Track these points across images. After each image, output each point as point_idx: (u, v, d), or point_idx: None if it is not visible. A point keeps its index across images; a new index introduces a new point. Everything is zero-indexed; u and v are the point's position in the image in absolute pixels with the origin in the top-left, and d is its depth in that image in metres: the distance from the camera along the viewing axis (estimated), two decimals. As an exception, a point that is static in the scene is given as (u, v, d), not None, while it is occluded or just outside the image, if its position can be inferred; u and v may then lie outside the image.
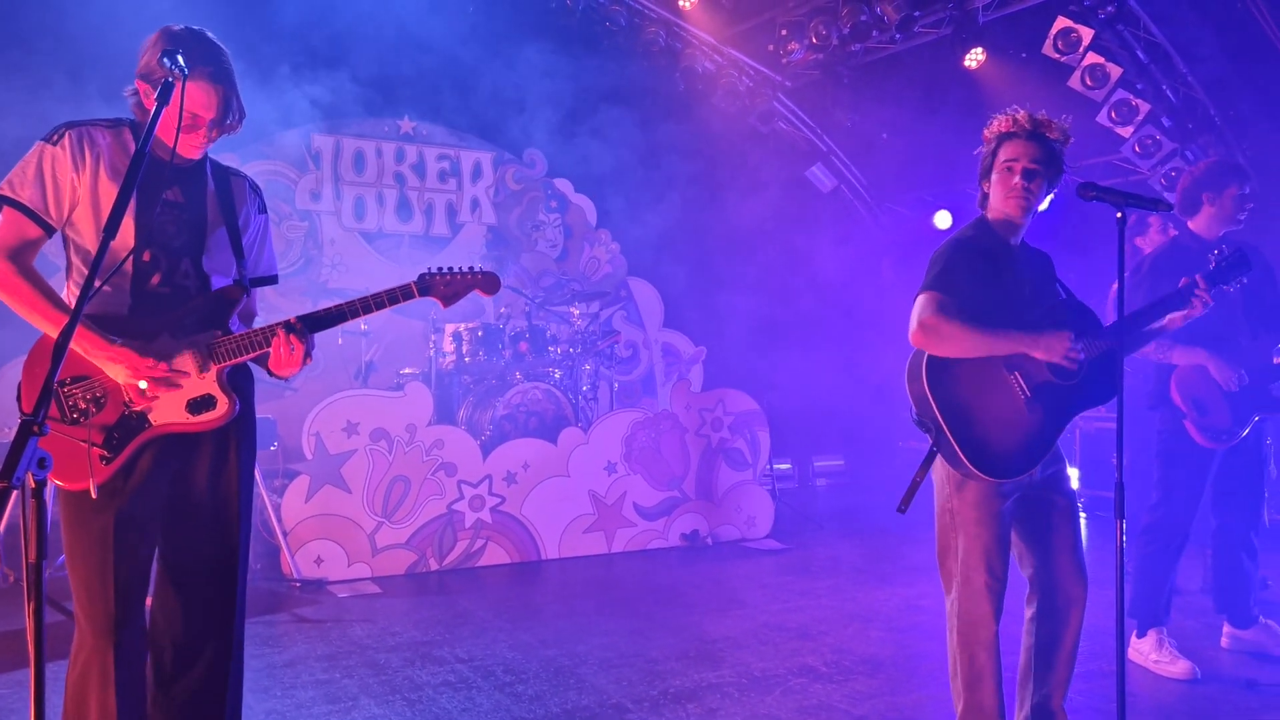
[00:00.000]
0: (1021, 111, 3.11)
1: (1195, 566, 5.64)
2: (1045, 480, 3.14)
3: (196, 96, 2.52)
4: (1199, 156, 7.75)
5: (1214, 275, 3.29)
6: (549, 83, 8.71)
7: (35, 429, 1.69)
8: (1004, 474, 3.00)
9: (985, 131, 3.19)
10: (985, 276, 3.07)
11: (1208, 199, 4.33)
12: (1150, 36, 7.54)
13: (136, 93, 2.59)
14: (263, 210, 2.89)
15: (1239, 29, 7.23)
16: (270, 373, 2.74)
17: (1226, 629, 4.61)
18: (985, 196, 3.21)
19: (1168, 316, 3.27)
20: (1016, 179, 3.05)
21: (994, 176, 3.12)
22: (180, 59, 2.37)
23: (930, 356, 3.06)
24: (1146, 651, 4.34)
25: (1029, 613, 3.23)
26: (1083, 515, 8.13)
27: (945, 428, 3.01)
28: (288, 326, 2.65)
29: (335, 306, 2.71)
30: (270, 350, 2.65)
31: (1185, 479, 4.35)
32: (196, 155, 2.67)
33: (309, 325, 2.68)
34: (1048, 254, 3.34)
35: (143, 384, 2.49)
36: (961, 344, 3.00)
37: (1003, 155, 3.09)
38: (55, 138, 2.50)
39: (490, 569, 6.33)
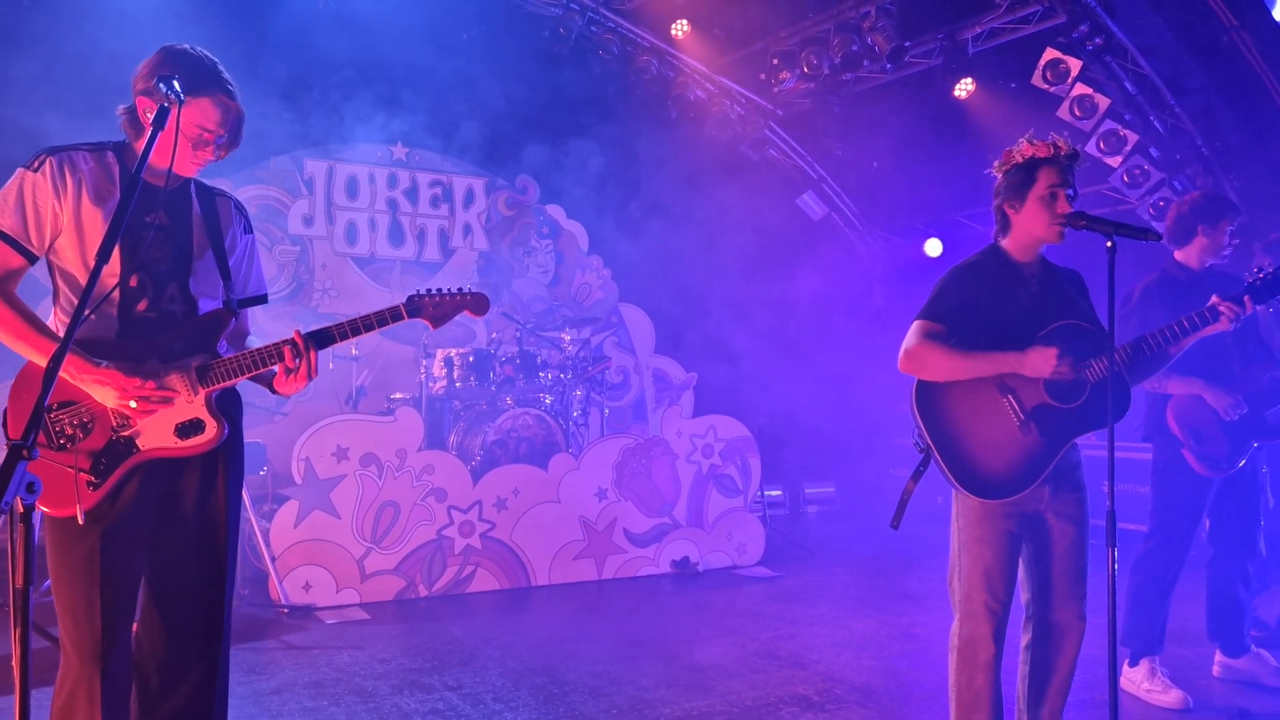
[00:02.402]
0: (1060, 138, 3.10)
1: (1187, 595, 5.63)
2: (1059, 506, 3.13)
3: (210, 113, 2.54)
4: (1186, 187, 7.82)
5: (1259, 290, 3.25)
6: (542, 109, 8.77)
7: (24, 453, 1.68)
8: (993, 494, 3.02)
9: (1013, 153, 3.13)
10: (985, 298, 3.09)
11: (1202, 230, 4.35)
12: (1138, 68, 7.62)
13: (130, 110, 2.58)
14: (249, 230, 2.89)
15: (1226, 62, 7.32)
16: (273, 390, 2.74)
17: (1219, 658, 4.60)
18: (1005, 218, 3.16)
19: (1192, 336, 3.19)
20: (1064, 206, 3.05)
21: (1031, 202, 3.07)
22: (177, 85, 2.37)
23: (920, 380, 3.11)
24: (1139, 681, 4.32)
25: (1025, 640, 3.22)
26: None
27: (934, 448, 3.08)
28: (294, 342, 2.65)
29: (325, 328, 2.71)
30: (263, 371, 2.64)
31: (1182, 508, 4.35)
32: (194, 172, 2.67)
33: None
34: (1078, 272, 3.33)
35: (133, 403, 2.47)
36: (942, 369, 3.05)
37: (1044, 181, 3.05)
38: (36, 164, 2.49)
39: (480, 595, 6.29)
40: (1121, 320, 4.26)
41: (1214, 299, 3.23)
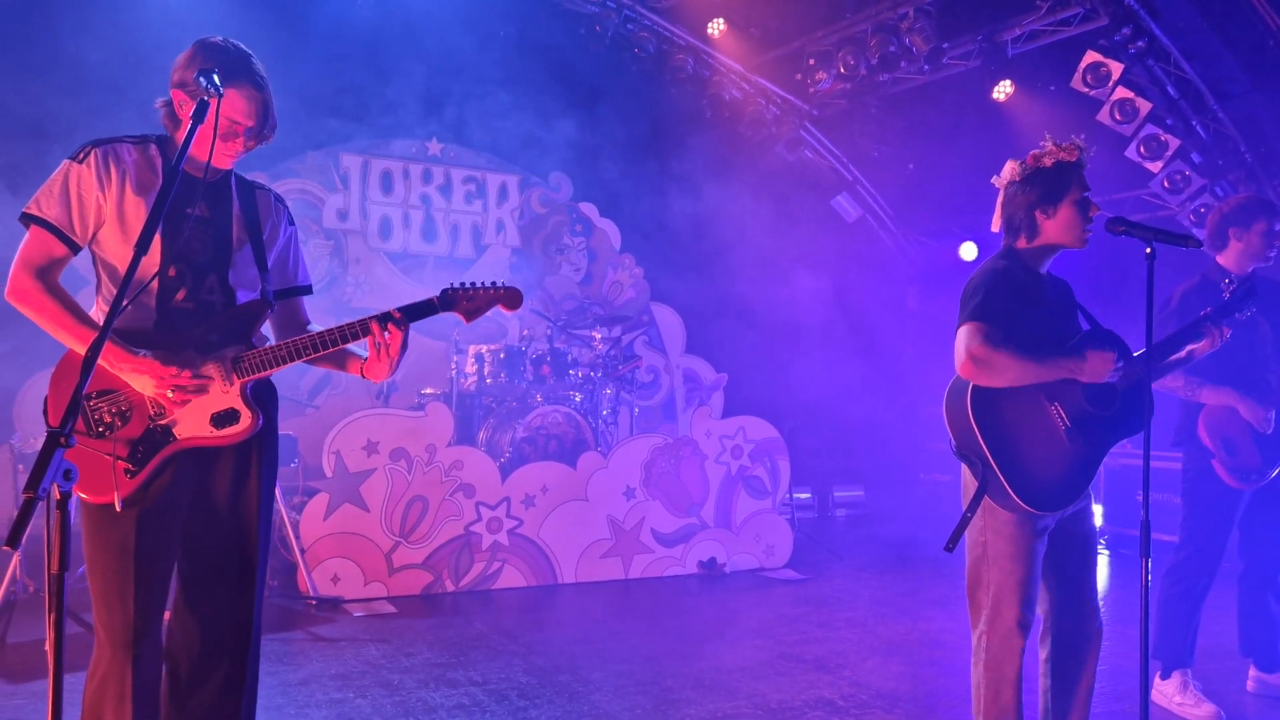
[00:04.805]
0: (1079, 140, 3.05)
1: (1221, 608, 5.55)
2: (1074, 515, 3.10)
3: (236, 104, 2.55)
4: (1228, 193, 7.70)
5: (1225, 307, 3.30)
6: (577, 107, 8.78)
7: (62, 440, 1.69)
8: (1049, 506, 2.96)
9: (1041, 156, 3.06)
10: (1020, 307, 3.02)
11: (1234, 234, 4.30)
12: (1180, 72, 7.51)
13: (170, 103, 2.61)
14: (292, 221, 2.92)
15: (1272, 67, 7.20)
16: (364, 375, 2.78)
17: (1252, 672, 4.53)
18: (1034, 224, 3.07)
19: (1187, 348, 3.29)
20: (1094, 209, 3.02)
21: (1065, 207, 3.02)
22: (216, 78, 2.40)
23: (975, 387, 2.98)
24: (1170, 694, 4.26)
25: (1044, 653, 3.17)
26: (1105, 553, 8.03)
27: (991, 460, 2.95)
28: (383, 318, 2.67)
29: (357, 321, 2.71)
30: (280, 368, 2.65)
31: (1212, 519, 4.28)
32: (229, 165, 2.69)
33: (326, 341, 2.68)
34: (1067, 282, 3.30)
35: (170, 392, 2.50)
36: (1013, 373, 2.92)
37: (1077, 186, 3.01)
38: (81, 156, 2.52)
39: (506, 592, 6.31)
40: (1160, 324, 4.21)
41: (1207, 310, 3.30)
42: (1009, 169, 3.13)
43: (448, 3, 7.84)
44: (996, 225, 3.19)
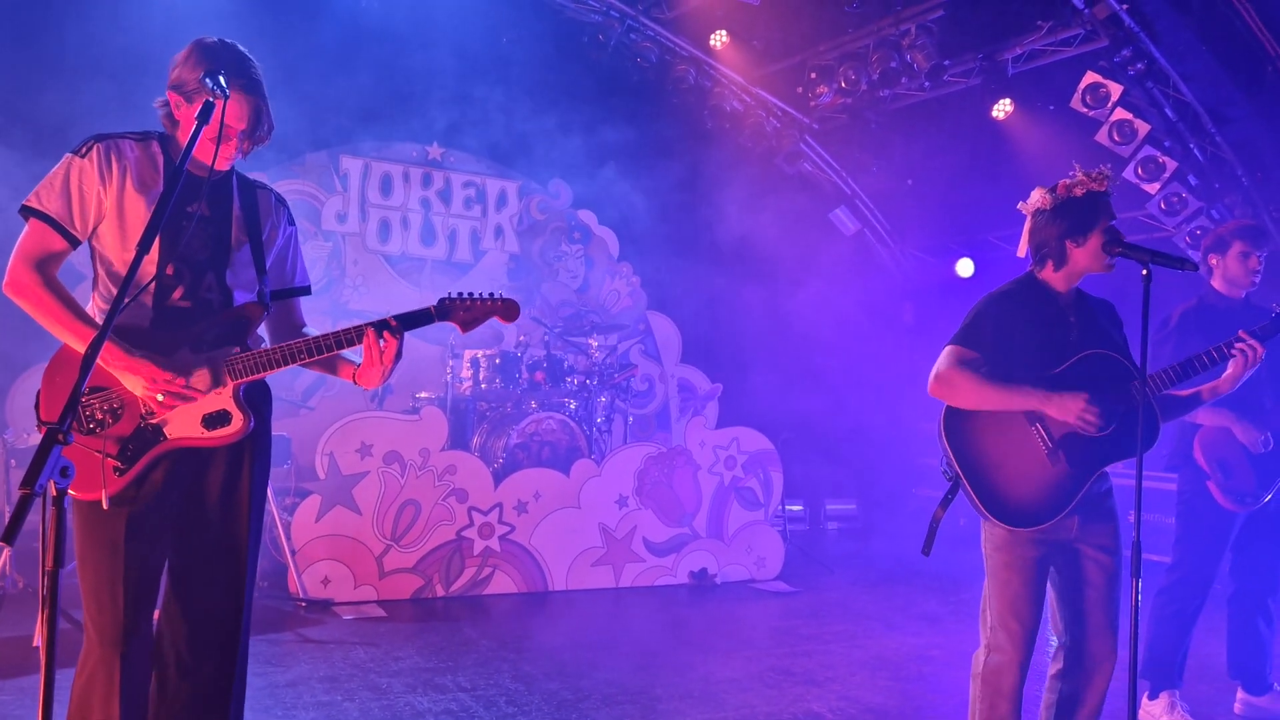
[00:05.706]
0: (1105, 168, 3.07)
1: (1211, 629, 5.56)
2: (1088, 535, 3.09)
3: (230, 108, 2.53)
4: (1224, 216, 7.73)
5: (1270, 327, 3.29)
6: (578, 115, 8.80)
7: (60, 438, 1.69)
8: (1022, 523, 2.99)
9: (1072, 186, 3.06)
10: (1021, 329, 3.06)
11: (1214, 259, 4.39)
12: (1179, 95, 7.55)
13: (167, 104, 2.61)
14: (292, 222, 2.92)
15: (1270, 92, 7.24)
16: (355, 382, 2.77)
17: (1240, 695, 4.54)
18: (1063, 253, 3.08)
19: (1221, 377, 3.26)
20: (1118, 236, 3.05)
21: (1095, 237, 3.03)
22: (222, 79, 2.41)
23: (948, 407, 3.08)
24: (1158, 714, 4.27)
25: (1054, 669, 3.18)
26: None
27: (962, 476, 3.05)
28: (379, 326, 2.66)
29: (353, 327, 2.71)
30: (278, 370, 2.65)
31: (1205, 541, 4.30)
32: (226, 167, 2.69)
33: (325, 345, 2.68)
34: (1110, 302, 3.31)
35: (160, 396, 2.49)
36: (971, 397, 3.03)
37: (1105, 216, 3.03)
38: (83, 150, 2.53)
39: (496, 598, 6.30)
40: (1158, 344, 4.24)
41: (1241, 333, 3.27)
42: (1038, 197, 3.14)
43: (451, 8, 7.85)
44: (1023, 251, 3.21)
